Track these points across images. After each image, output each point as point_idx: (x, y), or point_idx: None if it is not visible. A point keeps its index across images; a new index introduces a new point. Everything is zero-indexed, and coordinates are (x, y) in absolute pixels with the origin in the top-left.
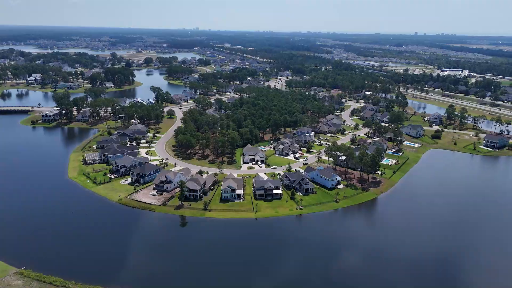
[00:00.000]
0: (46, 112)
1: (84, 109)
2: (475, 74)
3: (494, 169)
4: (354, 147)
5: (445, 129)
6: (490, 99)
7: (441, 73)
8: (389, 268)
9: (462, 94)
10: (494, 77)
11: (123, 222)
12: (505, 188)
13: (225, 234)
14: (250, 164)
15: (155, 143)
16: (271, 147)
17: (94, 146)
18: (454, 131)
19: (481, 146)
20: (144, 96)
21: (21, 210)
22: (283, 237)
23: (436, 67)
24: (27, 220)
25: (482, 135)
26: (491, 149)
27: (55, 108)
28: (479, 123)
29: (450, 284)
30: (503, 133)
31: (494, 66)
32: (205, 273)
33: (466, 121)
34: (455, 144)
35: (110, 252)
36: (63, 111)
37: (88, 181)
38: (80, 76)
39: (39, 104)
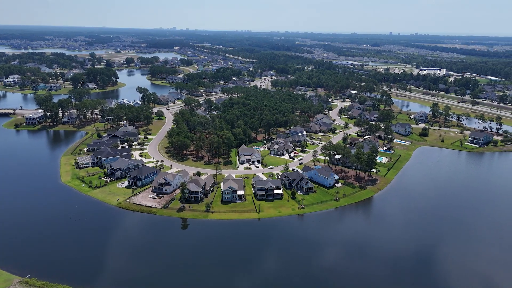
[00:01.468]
0: (30, 115)
1: (70, 111)
2: (452, 73)
3: (482, 164)
4: (348, 145)
5: (431, 127)
6: (470, 97)
7: (420, 72)
8: (400, 264)
9: (443, 93)
10: (471, 76)
11: (126, 226)
12: (495, 182)
13: (232, 235)
14: (246, 165)
15: (147, 145)
16: (265, 147)
17: (85, 149)
18: (440, 128)
19: (467, 143)
20: (128, 97)
21: (18, 217)
22: (292, 237)
23: (414, 66)
24: (25, 227)
25: (467, 132)
26: (477, 146)
27: (39, 111)
28: (463, 120)
29: (454, 277)
30: (486, 129)
31: (469, 65)
32: (220, 275)
33: (450, 119)
34: (442, 141)
35: (117, 257)
36: (48, 114)
37: (83, 185)
38: (60, 77)
39: (20, 106)
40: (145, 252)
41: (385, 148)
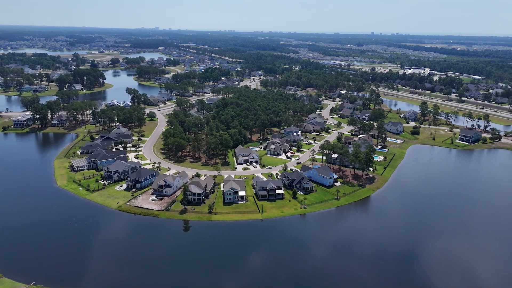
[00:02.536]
0: (18, 117)
1: (60, 113)
2: (436, 72)
3: (474, 161)
4: (343, 144)
5: (421, 125)
6: (455, 95)
7: (406, 72)
8: (411, 261)
9: (429, 91)
10: (454, 75)
11: (129, 230)
12: (488, 178)
13: (239, 237)
14: (244, 165)
15: (141, 146)
16: (261, 147)
17: (78, 152)
18: (430, 126)
19: (457, 141)
20: (117, 98)
21: (17, 223)
22: (299, 237)
23: (399, 65)
24: (25, 233)
25: (456, 130)
26: (467, 143)
27: (27, 113)
28: (451, 118)
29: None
30: (474, 127)
31: (452, 64)
32: (233, 277)
33: (439, 117)
34: (433, 139)
35: (124, 261)
36: (37, 116)
37: (80, 188)
38: (45, 78)
39: (7, 109)
40: (153, 256)
41: (379, 146)
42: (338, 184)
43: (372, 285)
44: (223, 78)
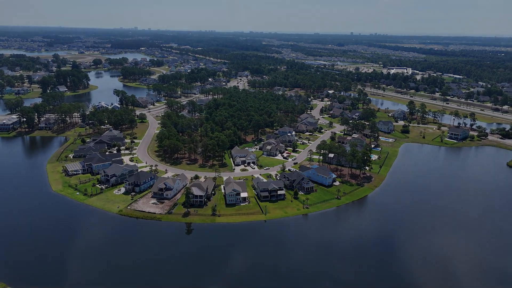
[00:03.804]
0: (4, 121)
1: (47, 116)
2: (417, 71)
3: (463, 158)
4: (337, 144)
5: (410, 124)
6: (439, 94)
7: (390, 71)
8: (427, 258)
9: (413, 91)
10: (436, 74)
11: (134, 235)
12: (478, 173)
13: (246, 238)
14: (242, 166)
15: (135, 149)
16: (256, 148)
17: (71, 156)
18: (419, 125)
19: (446, 139)
20: (103, 100)
21: (16, 231)
22: (307, 237)
23: (381, 65)
24: (26, 241)
25: (444, 128)
26: (455, 141)
27: (13, 116)
28: (439, 117)
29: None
30: (461, 125)
31: (432, 64)
32: (251, 279)
33: (427, 116)
34: (423, 137)
35: (134, 267)
36: (24, 119)
37: (77, 193)
38: (26, 80)
39: None
40: (161, 260)
41: (372, 145)
42: (337, 183)
43: (388, 283)
44: (210, 79)
